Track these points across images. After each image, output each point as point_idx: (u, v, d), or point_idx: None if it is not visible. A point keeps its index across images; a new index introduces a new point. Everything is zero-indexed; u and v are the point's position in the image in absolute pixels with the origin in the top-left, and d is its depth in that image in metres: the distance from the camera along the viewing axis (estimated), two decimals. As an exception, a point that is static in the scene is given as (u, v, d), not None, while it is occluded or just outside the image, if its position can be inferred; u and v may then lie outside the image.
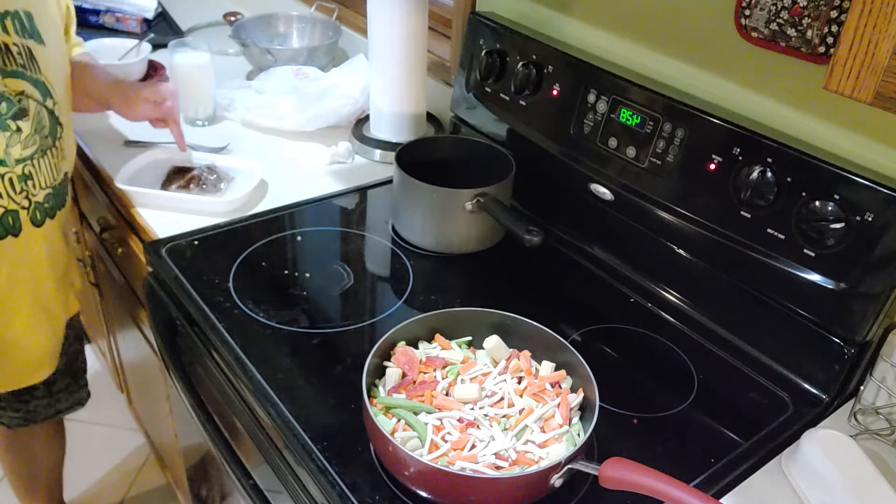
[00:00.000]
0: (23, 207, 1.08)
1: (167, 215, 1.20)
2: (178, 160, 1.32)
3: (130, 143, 1.40)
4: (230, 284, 1.04)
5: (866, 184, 0.83)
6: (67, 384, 1.46)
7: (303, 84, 1.52)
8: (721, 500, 0.78)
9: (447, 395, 0.80)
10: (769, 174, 0.90)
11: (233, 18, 1.92)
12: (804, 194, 0.88)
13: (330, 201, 1.27)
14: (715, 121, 0.96)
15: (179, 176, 1.27)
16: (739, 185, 0.93)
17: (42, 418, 1.46)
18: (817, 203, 0.86)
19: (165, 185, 1.26)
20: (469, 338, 0.89)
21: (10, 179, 1.05)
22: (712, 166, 0.96)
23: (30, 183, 1.08)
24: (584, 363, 0.81)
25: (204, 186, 1.25)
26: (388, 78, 1.35)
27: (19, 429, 1.44)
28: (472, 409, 0.78)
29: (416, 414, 0.77)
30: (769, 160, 0.90)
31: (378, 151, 1.40)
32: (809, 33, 0.88)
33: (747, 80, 0.99)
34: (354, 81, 1.50)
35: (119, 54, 1.62)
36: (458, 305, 1.01)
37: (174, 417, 1.39)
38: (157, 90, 1.28)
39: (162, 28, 1.92)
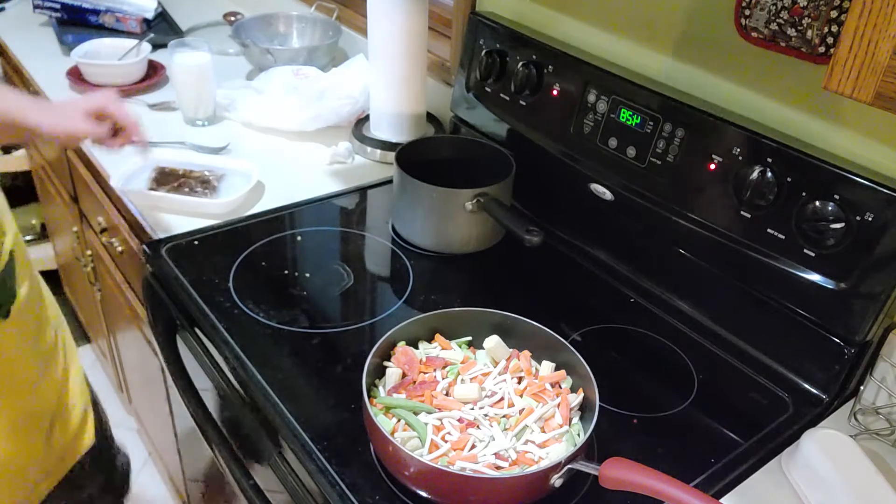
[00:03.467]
0: None
1: (166, 215, 1.20)
2: (170, 160, 1.31)
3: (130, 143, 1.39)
4: (230, 284, 1.04)
5: (866, 184, 0.83)
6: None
7: (303, 84, 1.52)
8: (721, 500, 0.78)
9: (447, 395, 0.80)
10: (769, 174, 0.90)
11: (233, 18, 1.92)
12: (804, 194, 0.88)
13: (330, 201, 1.27)
14: (715, 121, 0.96)
15: (172, 177, 1.27)
16: (739, 185, 0.93)
17: None
18: (817, 203, 0.86)
19: (155, 186, 1.25)
20: (469, 338, 0.89)
21: None
22: (712, 166, 0.96)
23: None
24: (584, 363, 0.81)
25: (197, 189, 1.25)
26: (388, 78, 1.35)
27: None
28: (472, 409, 0.78)
29: (416, 414, 0.77)
30: (769, 160, 0.90)
31: (378, 151, 1.40)
32: (809, 33, 0.88)
33: (747, 80, 0.99)
34: (354, 81, 1.50)
35: (119, 54, 1.62)
36: (458, 305, 1.01)
37: (174, 417, 1.39)
38: (92, 100, 1.04)
39: (162, 28, 1.92)
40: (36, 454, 1.01)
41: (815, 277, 0.89)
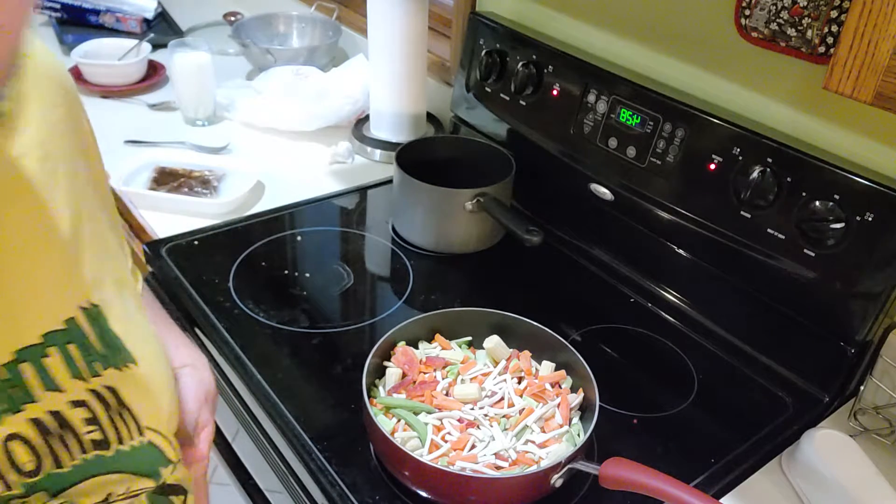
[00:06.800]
0: None
1: (166, 215, 1.20)
2: (170, 160, 1.31)
3: (130, 142, 1.40)
4: (230, 284, 1.04)
5: (866, 184, 0.83)
6: None
7: (303, 84, 1.52)
8: (721, 500, 0.78)
9: (447, 395, 0.80)
10: (769, 174, 0.90)
11: (233, 18, 1.92)
12: (804, 194, 0.88)
13: (330, 201, 1.27)
14: (715, 121, 0.96)
15: (172, 177, 1.26)
16: (739, 185, 0.93)
17: None
18: (817, 203, 0.86)
19: (155, 186, 1.25)
20: (469, 338, 0.89)
21: None
22: (712, 166, 0.96)
23: None
24: (584, 363, 0.81)
25: (197, 189, 1.25)
26: (388, 78, 1.35)
27: None
28: (472, 409, 0.78)
29: (416, 414, 0.77)
30: (769, 160, 0.90)
31: (378, 151, 1.40)
32: (809, 33, 0.88)
33: (747, 80, 0.99)
34: (354, 81, 1.50)
35: (119, 54, 1.62)
36: (458, 305, 1.01)
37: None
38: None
39: (162, 28, 1.92)
40: None
41: (815, 277, 0.89)
